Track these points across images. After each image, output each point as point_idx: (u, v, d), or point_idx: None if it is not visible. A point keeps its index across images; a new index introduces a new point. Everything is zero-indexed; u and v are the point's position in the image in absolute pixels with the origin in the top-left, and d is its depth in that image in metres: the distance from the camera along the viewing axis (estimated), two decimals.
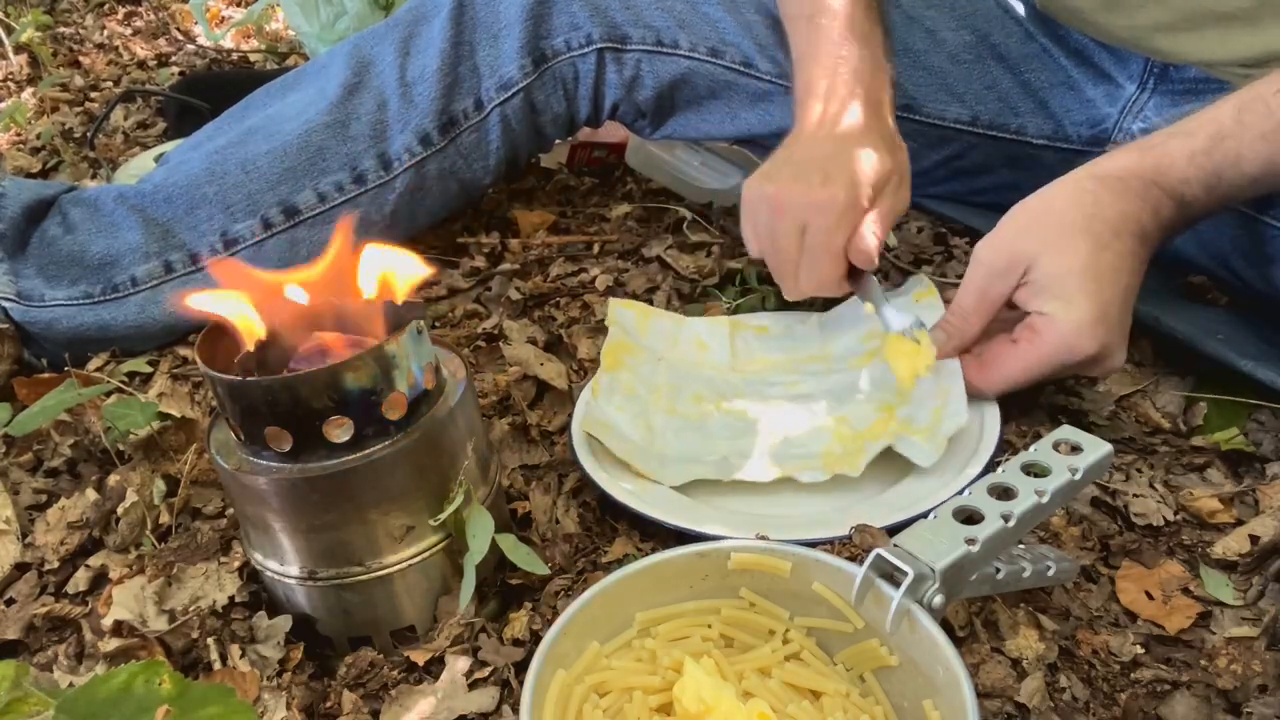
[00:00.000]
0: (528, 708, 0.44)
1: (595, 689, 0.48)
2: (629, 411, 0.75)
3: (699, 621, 0.51)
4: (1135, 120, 0.88)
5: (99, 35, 2.19)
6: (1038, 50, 0.93)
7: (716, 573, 0.51)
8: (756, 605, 0.51)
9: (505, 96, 0.96)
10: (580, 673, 0.48)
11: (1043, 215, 0.69)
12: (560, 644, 0.47)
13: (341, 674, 0.58)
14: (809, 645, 0.50)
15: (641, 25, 0.96)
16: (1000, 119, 0.95)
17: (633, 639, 0.51)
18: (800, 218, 0.76)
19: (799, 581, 0.50)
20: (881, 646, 0.48)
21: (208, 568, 0.63)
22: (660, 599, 0.51)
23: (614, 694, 0.48)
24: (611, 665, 0.49)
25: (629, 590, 0.50)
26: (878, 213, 0.76)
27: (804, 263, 0.77)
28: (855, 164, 0.76)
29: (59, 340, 0.92)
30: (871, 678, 0.49)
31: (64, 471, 0.80)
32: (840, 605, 0.49)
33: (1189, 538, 0.64)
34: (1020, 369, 0.69)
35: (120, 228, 0.93)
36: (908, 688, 0.47)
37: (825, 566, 0.49)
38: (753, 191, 0.79)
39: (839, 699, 0.48)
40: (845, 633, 0.49)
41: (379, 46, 0.97)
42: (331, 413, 0.53)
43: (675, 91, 0.98)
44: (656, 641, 0.50)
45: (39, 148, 1.59)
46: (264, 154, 0.94)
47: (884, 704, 0.48)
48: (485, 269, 1.04)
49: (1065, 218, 0.67)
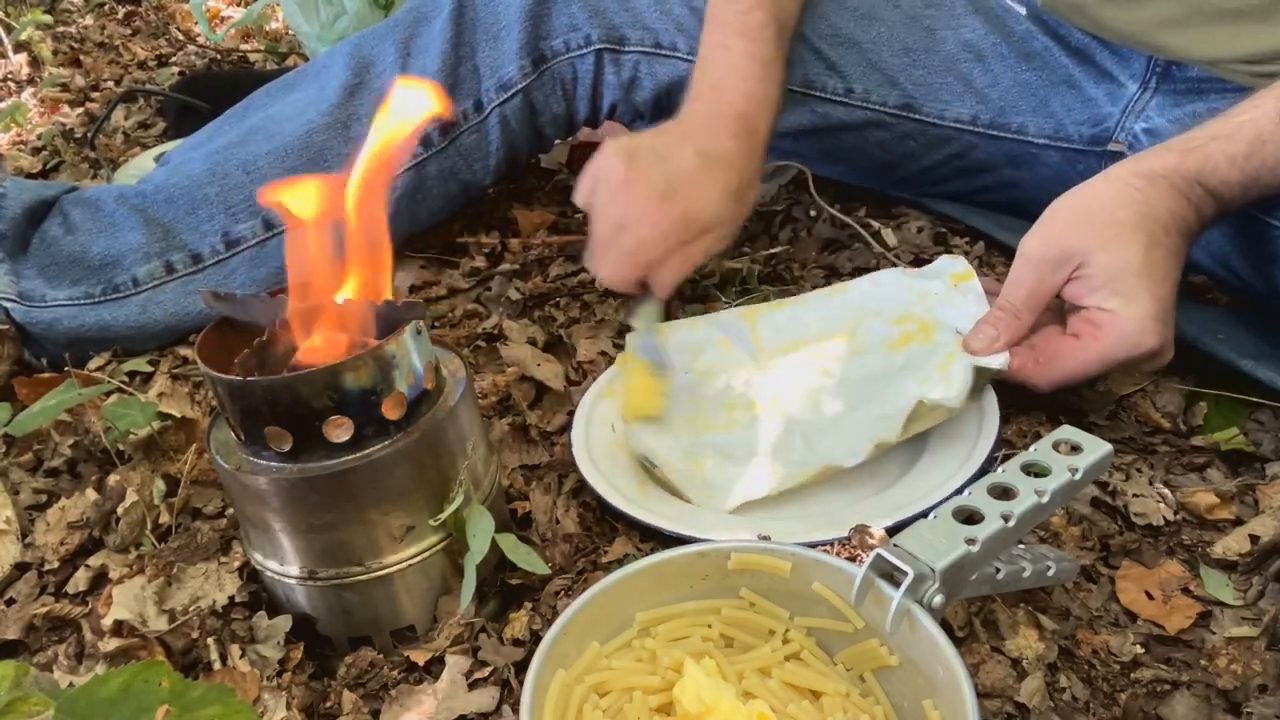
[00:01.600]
0: (527, 708, 0.44)
1: (595, 689, 0.48)
2: (665, 441, 0.73)
3: (699, 621, 0.51)
4: (1138, 120, 0.88)
5: (99, 35, 2.19)
6: (1039, 49, 0.93)
7: (717, 573, 0.51)
8: (757, 605, 0.51)
9: (505, 97, 0.97)
10: (580, 672, 0.48)
11: (1092, 211, 0.69)
12: (560, 644, 0.47)
13: (341, 674, 0.58)
14: (809, 645, 0.50)
15: (640, 27, 0.96)
16: (1001, 118, 0.95)
17: (633, 639, 0.51)
18: (627, 214, 0.78)
19: (799, 581, 0.50)
20: (881, 646, 0.48)
21: (208, 568, 0.63)
22: (661, 599, 0.51)
23: (614, 694, 0.48)
24: (611, 665, 0.49)
25: (629, 590, 0.50)
26: (691, 250, 0.79)
27: (609, 252, 0.79)
28: (699, 198, 0.79)
29: (60, 340, 0.92)
30: (871, 678, 0.49)
31: (64, 471, 0.80)
32: (840, 605, 0.49)
33: (1189, 538, 0.64)
34: (1081, 364, 0.69)
35: (121, 228, 0.93)
36: (908, 687, 0.47)
37: (825, 566, 0.49)
38: (610, 156, 0.80)
39: (839, 699, 0.48)
40: (845, 633, 0.49)
41: (379, 47, 0.97)
42: (331, 413, 0.53)
43: (673, 93, 0.98)
44: (657, 641, 0.50)
45: (40, 148, 1.59)
46: (265, 155, 0.94)
47: (884, 704, 0.48)
48: (485, 269, 1.04)
49: (1117, 214, 0.68)
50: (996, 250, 0.96)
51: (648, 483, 0.70)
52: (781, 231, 1.05)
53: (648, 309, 0.81)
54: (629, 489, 0.68)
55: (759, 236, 1.05)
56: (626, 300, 0.83)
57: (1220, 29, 0.79)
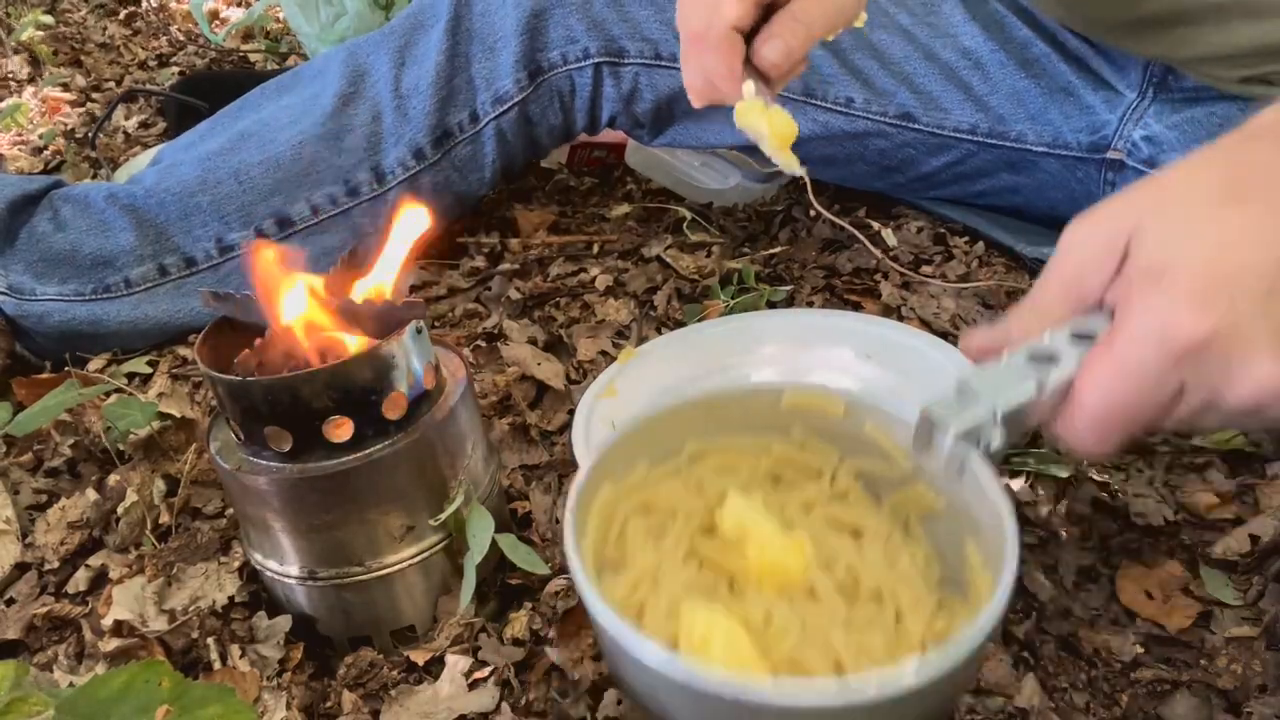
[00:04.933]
0: (571, 510, 0.43)
1: (640, 506, 0.48)
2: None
3: (749, 454, 0.51)
4: (1136, 128, 0.88)
5: (99, 35, 2.19)
6: (1037, 56, 0.93)
7: (769, 410, 0.50)
8: (807, 445, 0.51)
9: (501, 110, 0.96)
10: (627, 490, 0.48)
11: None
12: (609, 460, 0.47)
13: (341, 674, 0.58)
14: (855, 487, 0.50)
15: (639, 38, 0.95)
16: (999, 127, 0.95)
17: (682, 466, 0.50)
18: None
19: (852, 423, 0.49)
20: (929, 490, 0.47)
21: (208, 568, 0.63)
22: (712, 431, 0.51)
23: (658, 514, 0.48)
24: (658, 486, 0.49)
25: (681, 419, 0.50)
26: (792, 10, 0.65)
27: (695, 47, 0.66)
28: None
29: (51, 334, 0.92)
30: (915, 521, 0.48)
31: (64, 471, 0.80)
32: (890, 448, 0.48)
33: (1189, 537, 0.64)
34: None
35: (113, 228, 0.92)
36: (951, 530, 0.46)
37: (879, 410, 0.49)
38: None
39: (879, 539, 0.47)
40: (893, 477, 0.49)
41: (375, 55, 0.96)
42: (331, 413, 0.53)
43: (674, 103, 0.98)
44: (704, 469, 0.50)
45: (40, 148, 1.59)
46: (257, 164, 0.93)
47: (924, 546, 0.47)
48: (485, 269, 1.04)
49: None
50: (996, 251, 0.97)
51: None
52: (781, 231, 1.05)
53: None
54: None
55: (759, 237, 1.05)
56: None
57: (1169, 34, 0.78)
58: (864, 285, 0.93)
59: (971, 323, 0.85)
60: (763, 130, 0.67)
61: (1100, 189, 0.92)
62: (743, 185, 1.13)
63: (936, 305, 0.87)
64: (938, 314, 0.86)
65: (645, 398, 0.79)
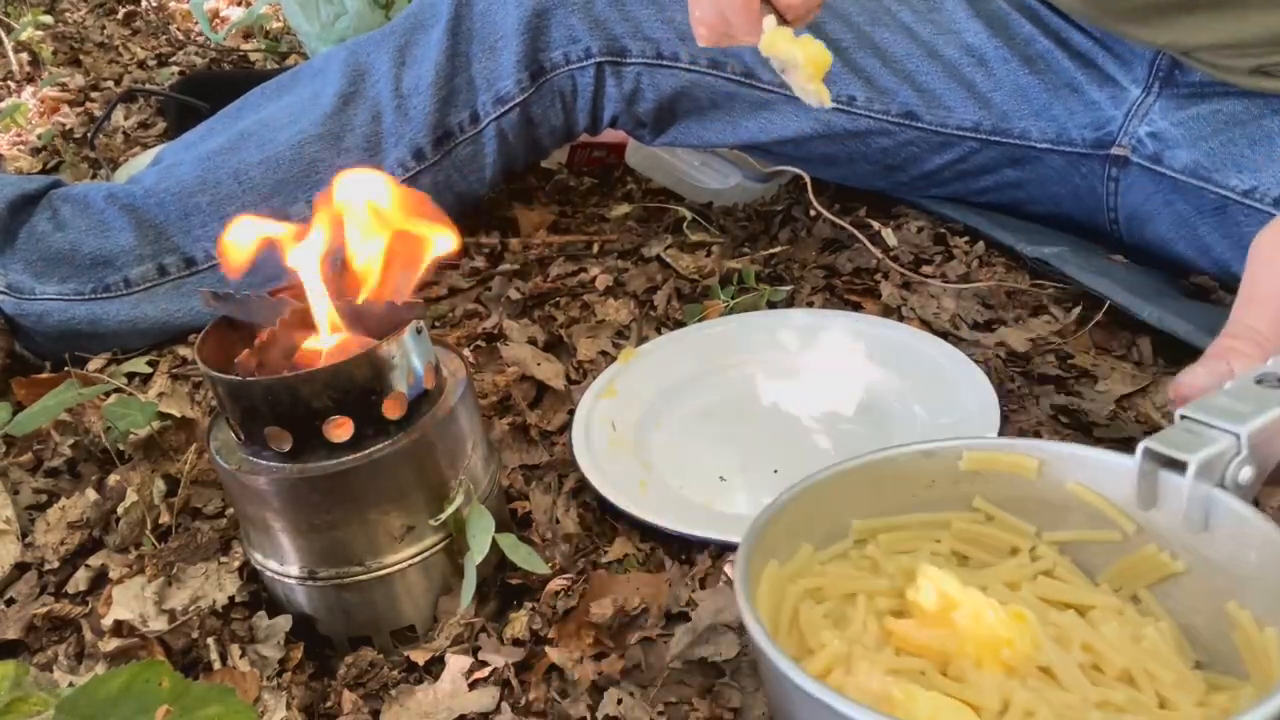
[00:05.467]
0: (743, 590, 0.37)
1: (811, 594, 0.41)
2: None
3: (926, 535, 0.44)
4: (1141, 124, 0.88)
5: (99, 35, 2.19)
6: (1041, 52, 0.93)
7: (946, 478, 0.44)
8: (996, 519, 0.44)
9: (502, 110, 0.96)
10: (793, 574, 0.42)
11: None
12: (771, 534, 0.40)
13: (341, 674, 0.58)
14: (1063, 562, 0.42)
15: (641, 38, 0.95)
16: (1003, 124, 0.95)
17: (849, 549, 0.44)
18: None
19: (1048, 484, 0.42)
20: (1163, 551, 0.39)
21: (208, 568, 0.63)
22: (879, 507, 0.44)
23: (833, 599, 0.41)
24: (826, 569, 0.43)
25: (843, 490, 0.44)
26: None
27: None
28: None
29: (50, 334, 0.92)
30: (1148, 594, 0.40)
31: (64, 471, 0.80)
32: (1104, 507, 0.41)
33: None
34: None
35: (112, 228, 0.92)
36: (1200, 595, 0.39)
37: (1084, 461, 0.41)
38: None
39: (1111, 614, 0.39)
40: (1112, 541, 0.41)
41: (375, 54, 0.96)
42: (331, 413, 0.53)
43: (676, 103, 0.98)
44: (876, 553, 0.43)
45: (40, 148, 1.59)
46: (257, 164, 0.93)
47: (1166, 619, 0.39)
48: (485, 269, 1.04)
49: None
50: (997, 250, 0.96)
51: (648, 482, 0.70)
52: (781, 231, 1.05)
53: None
54: (629, 488, 0.68)
55: (759, 236, 1.05)
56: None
57: (1184, 20, 0.78)
58: (864, 285, 0.93)
59: (972, 323, 0.85)
60: (796, 57, 0.63)
61: (1104, 186, 0.92)
62: (743, 185, 1.13)
63: (937, 305, 0.87)
64: (938, 314, 0.86)
65: (645, 398, 0.79)
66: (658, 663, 0.56)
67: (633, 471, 0.71)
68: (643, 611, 0.59)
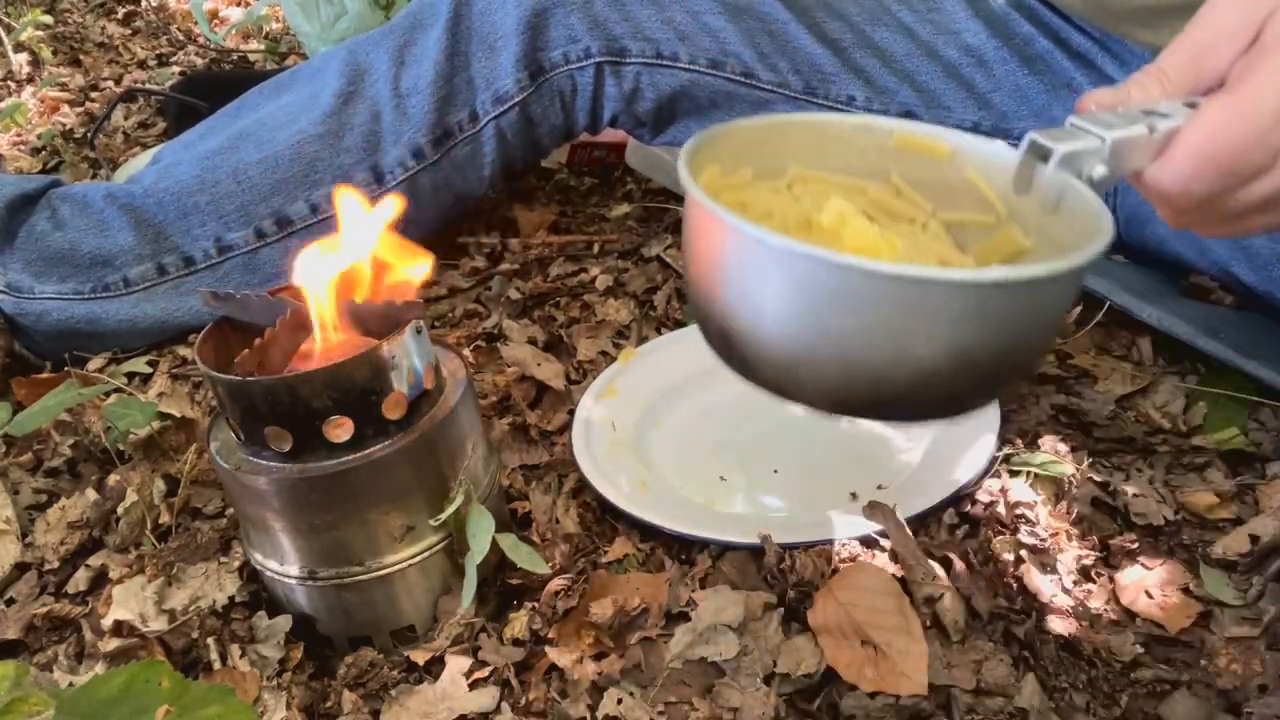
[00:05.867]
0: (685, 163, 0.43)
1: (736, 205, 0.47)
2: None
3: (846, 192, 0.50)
4: None
5: (99, 35, 2.19)
6: (1040, 52, 0.93)
7: (875, 151, 0.50)
8: (904, 193, 0.50)
9: (501, 110, 0.96)
10: (728, 186, 0.47)
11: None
12: (720, 145, 0.46)
13: (341, 674, 0.58)
14: (943, 235, 0.50)
15: (641, 38, 0.95)
16: (1002, 124, 0.95)
17: (780, 189, 0.50)
18: None
19: (953, 170, 0.49)
20: (1019, 231, 0.46)
21: (208, 568, 0.63)
22: (816, 162, 0.50)
23: (754, 213, 0.47)
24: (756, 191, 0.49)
25: (789, 135, 0.50)
26: None
27: None
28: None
29: (49, 333, 0.92)
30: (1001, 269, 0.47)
31: (64, 471, 0.80)
32: (987, 192, 0.48)
33: (1189, 537, 0.64)
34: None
35: (112, 228, 0.92)
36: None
37: (984, 152, 0.48)
38: None
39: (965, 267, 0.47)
40: (987, 224, 0.48)
41: (374, 54, 0.96)
42: (331, 413, 0.53)
43: (675, 103, 0.98)
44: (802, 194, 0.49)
45: (40, 148, 1.59)
46: (256, 163, 0.93)
47: None
48: (485, 269, 1.04)
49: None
50: None
51: (648, 482, 0.70)
52: None
53: None
54: (629, 488, 0.68)
55: None
56: None
57: (1183, 21, 0.78)
58: None
59: None
60: None
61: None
62: None
63: None
64: None
65: (645, 398, 0.79)
66: (658, 663, 0.56)
67: (633, 471, 0.71)
68: (643, 611, 0.59)
